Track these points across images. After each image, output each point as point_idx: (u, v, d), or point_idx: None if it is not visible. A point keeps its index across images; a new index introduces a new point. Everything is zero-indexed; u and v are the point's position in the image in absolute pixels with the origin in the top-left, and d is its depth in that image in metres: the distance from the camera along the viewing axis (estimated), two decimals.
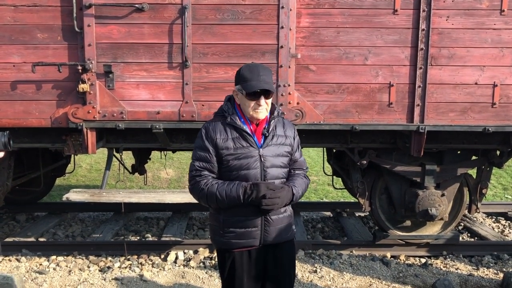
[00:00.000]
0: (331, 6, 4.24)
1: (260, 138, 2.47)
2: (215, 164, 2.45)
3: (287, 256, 2.63)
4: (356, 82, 4.34)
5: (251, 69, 2.42)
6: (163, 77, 4.27)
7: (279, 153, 2.49)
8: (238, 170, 2.42)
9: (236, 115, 2.46)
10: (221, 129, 2.44)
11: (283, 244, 2.58)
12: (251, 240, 2.49)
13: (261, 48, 4.24)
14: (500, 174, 9.44)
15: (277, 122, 2.54)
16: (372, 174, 5.00)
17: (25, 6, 4.17)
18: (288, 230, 2.59)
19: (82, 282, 4.28)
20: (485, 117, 4.42)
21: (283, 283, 2.62)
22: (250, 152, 2.42)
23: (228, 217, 2.47)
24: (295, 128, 2.64)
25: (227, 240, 2.50)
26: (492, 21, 4.28)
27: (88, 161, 10.04)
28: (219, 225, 2.51)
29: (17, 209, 6.52)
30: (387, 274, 4.56)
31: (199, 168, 2.46)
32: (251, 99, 2.39)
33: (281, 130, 2.54)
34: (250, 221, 2.46)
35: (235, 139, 2.43)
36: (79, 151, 4.53)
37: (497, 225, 6.36)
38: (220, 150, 2.42)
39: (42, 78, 4.25)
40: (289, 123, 2.63)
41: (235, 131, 2.44)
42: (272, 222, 2.49)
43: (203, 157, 2.45)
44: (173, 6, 4.16)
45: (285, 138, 2.53)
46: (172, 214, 6.54)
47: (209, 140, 2.43)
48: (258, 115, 2.43)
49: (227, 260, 2.55)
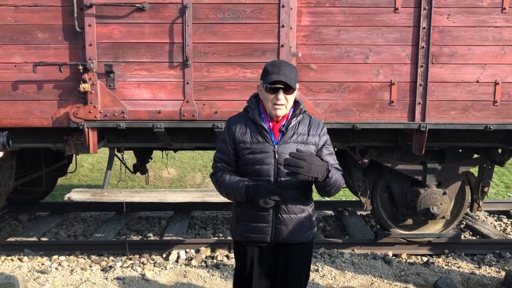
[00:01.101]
0: (331, 4, 4.23)
1: (278, 134, 2.46)
2: (232, 158, 2.50)
3: (299, 259, 2.56)
4: (357, 81, 4.34)
5: (274, 64, 2.43)
6: (164, 77, 4.27)
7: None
8: (252, 164, 2.43)
9: (258, 110, 2.49)
10: (241, 123, 2.49)
11: (296, 246, 2.53)
12: (261, 235, 2.49)
13: (262, 47, 4.24)
14: (502, 172, 9.43)
15: (301, 120, 2.49)
16: (374, 173, 4.99)
17: (26, 6, 4.17)
18: (303, 232, 2.51)
19: (84, 282, 4.29)
20: (487, 115, 4.41)
21: (291, 286, 2.57)
22: (265, 148, 2.42)
23: (242, 210, 2.51)
24: (323, 127, 2.55)
25: (240, 233, 2.54)
26: (494, 19, 4.27)
27: (90, 161, 10.06)
28: (236, 217, 2.56)
29: (19, 209, 6.54)
30: (389, 272, 4.55)
31: (218, 159, 2.54)
32: (271, 93, 2.38)
33: (304, 128, 2.48)
34: (261, 216, 2.46)
35: (252, 133, 2.45)
36: (80, 150, 4.54)
37: (499, 224, 6.35)
38: (238, 144, 2.46)
39: (43, 78, 4.26)
40: (316, 121, 2.55)
41: (254, 126, 2.46)
42: (284, 220, 2.46)
43: (222, 149, 2.52)
44: (174, 5, 4.16)
45: (306, 137, 2.46)
46: (174, 214, 6.54)
47: (229, 133, 2.49)
48: (277, 111, 2.40)
49: (240, 252, 2.59)
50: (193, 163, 10.04)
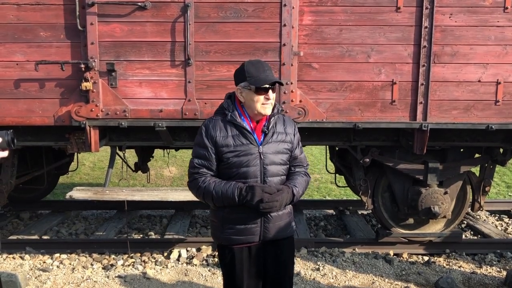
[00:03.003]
0: (333, 3, 4.23)
1: (260, 135, 2.47)
2: (214, 162, 2.46)
3: (287, 253, 2.63)
4: (359, 80, 4.33)
5: (255, 65, 2.45)
6: (166, 75, 4.27)
7: (279, 150, 2.49)
8: (238, 167, 2.42)
9: (237, 112, 2.47)
10: (221, 126, 2.45)
11: (282, 241, 2.59)
12: (250, 236, 2.49)
13: (264, 46, 4.24)
14: (503, 172, 9.42)
15: (277, 119, 2.55)
16: (375, 172, 4.99)
17: (28, 4, 4.18)
18: (287, 227, 2.59)
19: (86, 280, 4.30)
20: (488, 115, 4.41)
21: (283, 280, 2.63)
22: (250, 150, 2.42)
23: (228, 213, 2.48)
24: (295, 125, 2.65)
25: (227, 236, 2.51)
26: (496, 19, 4.26)
27: (91, 159, 10.07)
28: (219, 221, 2.53)
29: (21, 207, 6.56)
30: (390, 272, 4.55)
31: (197, 165, 2.47)
32: (261, 93, 2.40)
33: (281, 127, 2.54)
34: (250, 218, 2.46)
35: (235, 136, 2.43)
36: (82, 149, 4.55)
37: (500, 223, 6.34)
38: (220, 148, 2.43)
39: (45, 76, 4.27)
40: (289, 120, 2.64)
41: (235, 128, 2.45)
42: (272, 219, 2.50)
43: (202, 154, 2.46)
44: (176, 4, 4.17)
45: (285, 135, 2.53)
46: (175, 212, 6.55)
47: (208, 137, 2.44)
48: (266, 110, 2.44)
49: (227, 256, 2.56)
50: None
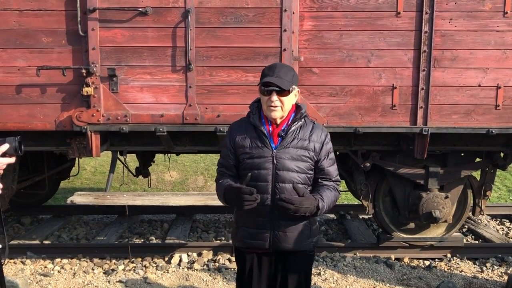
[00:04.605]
0: (333, 9, 4.24)
1: (277, 139, 2.44)
2: (232, 163, 2.51)
3: (298, 268, 2.51)
4: (359, 85, 4.34)
5: (270, 66, 2.46)
6: (167, 80, 4.29)
7: (297, 157, 2.41)
8: (250, 169, 2.42)
9: (259, 115, 2.49)
10: (242, 127, 2.50)
11: (296, 254, 2.49)
12: (261, 242, 2.46)
13: (264, 51, 4.25)
14: (504, 176, 9.40)
15: (304, 125, 2.47)
16: (376, 177, 4.99)
17: (30, 10, 4.20)
18: (303, 240, 2.48)
19: (87, 285, 4.30)
20: (489, 119, 4.41)
21: None
22: (263, 153, 2.41)
23: (240, 215, 2.51)
24: (327, 134, 2.51)
25: (240, 238, 2.53)
26: (495, 23, 4.27)
27: (93, 164, 10.08)
28: (236, 222, 2.58)
29: (22, 212, 6.56)
30: (391, 276, 4.55)
31: (219, 165, 2.58)
32: (264, 95, 2.40)
33: (305, 133, 2.45)
34: (258, 222, 2.45)
35: (252, 138, 2.45)
36: (83, 154, 4.55)
37: (502, 228, 6.33)
38: (238, 148, 2.47)
39: (46, 81, 4.28)
40: (319, 127, 2.51)
41: (254, 130, 2.46)
42: (282, 226, 2.44)
43: (224, 154, 2.55)
44: (177, 9, 4.18)
45: (307, 142, 2.43)
46: (176, 217, 6.54)
47: (230, 138, 2.51)
48: (271, 113, 2.39)
49: (240, 259, 2.60)
50: (195, 166, 10.05)
